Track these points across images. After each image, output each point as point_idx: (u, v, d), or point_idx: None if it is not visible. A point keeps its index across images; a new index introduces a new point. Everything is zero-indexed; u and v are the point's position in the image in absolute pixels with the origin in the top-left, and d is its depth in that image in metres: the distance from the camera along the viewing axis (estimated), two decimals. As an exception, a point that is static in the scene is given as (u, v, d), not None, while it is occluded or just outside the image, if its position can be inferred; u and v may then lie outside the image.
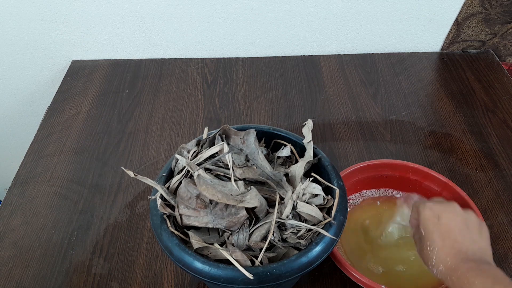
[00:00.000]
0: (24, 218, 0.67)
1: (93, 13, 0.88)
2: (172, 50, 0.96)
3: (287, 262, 0.42)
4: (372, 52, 0.97)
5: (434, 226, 0.46)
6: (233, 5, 0.87)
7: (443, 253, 0.44)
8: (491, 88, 0.87)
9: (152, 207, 0.47)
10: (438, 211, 0.47)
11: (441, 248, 0.44)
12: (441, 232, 0.45)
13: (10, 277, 0.59)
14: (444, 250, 0.44)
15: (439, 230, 0.45)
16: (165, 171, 0.50)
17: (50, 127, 0.82)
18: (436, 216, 0.46)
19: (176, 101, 0.87)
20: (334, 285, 0.58)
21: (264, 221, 0.46)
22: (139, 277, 0.59)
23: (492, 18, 0.89)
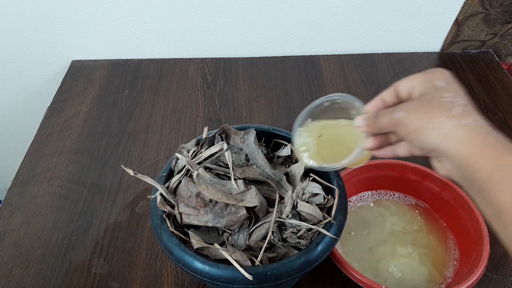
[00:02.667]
0: (24, 218, 0.67)
1: (93, 13, 0.88)
2: (172, 50, 0.96)
3: (287, 262, 0.42)
4: (372, 52, 0.97)
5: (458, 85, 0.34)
6: (233, 5, 0.87)
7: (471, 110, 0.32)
8: (491, 88, 0.87)
9: (152, 207, 0.47)
10: None
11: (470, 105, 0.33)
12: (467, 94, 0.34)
13: (10, 277, 0.59)
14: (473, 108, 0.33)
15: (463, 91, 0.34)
16: (165, 171, 0.50)
17: (50, 127, 0.82)
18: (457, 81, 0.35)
19: (176, 101, 0.87)
20: (334, 285, 0.58)
21: (264, 220, 0.46)
22: (139, 277, 0.59)
23: (492, 18, 0.89)
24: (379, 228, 0.61)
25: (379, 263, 0.58)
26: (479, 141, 0.30)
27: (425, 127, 0.32)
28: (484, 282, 0.57)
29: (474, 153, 0.30)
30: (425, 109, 0.32)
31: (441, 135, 0.31)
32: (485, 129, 0.30)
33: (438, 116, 0.31)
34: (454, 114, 0.31)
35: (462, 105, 0.32)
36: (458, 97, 0.32)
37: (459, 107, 0.31)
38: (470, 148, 0.30)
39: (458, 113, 0.31)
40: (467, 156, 0.30)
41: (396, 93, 0.36)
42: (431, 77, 0.34)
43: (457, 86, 0.34)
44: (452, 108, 0.31)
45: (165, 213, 0.46)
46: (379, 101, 0.37)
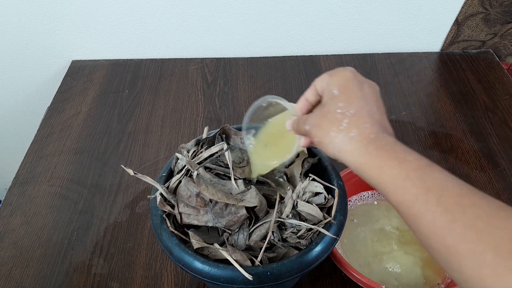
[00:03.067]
0: (24, 218, 0.67)
1: (93, 13, 0.88)
2: (172, 50, 0.96)
3: (287, 262, 0.42)
4: (372, 52, 0.97)
5: (354, 88, 0.36)
6: (233, 5, 0.87)
7: (361, 116, 0.34)
8: (491, 88, 0.87)
9: (152, 207, 0.47)
10: (360, 77, 0.38)
11: (360, 111, 0.35)
12: (362, 96, 0.36)
13: (10, 277, 0.59)
14: (363, 114, 0.35)
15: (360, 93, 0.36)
16: (165, 171, 0.50)
17: (50, 127, 0.82)
18: (358, 80, 0.37)
19: (176, 101, 0.87)
20: (334, 285, 0.58)
21: (264, 220, 0.46)
22: (139, 277, 0.59)
23: (492, 18, 0.89)
24: (379, 227, 0.61)
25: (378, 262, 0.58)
26: (363, 153, 0.33)
27: (323, 142, 0.35)
28: (484, 282, 0.57)
29: (362, 163, 0.33)
30: (322, 123, 0.36)
31: (335, 148, 0.34)
32: (368, 139, 0.33)
33: (331, 131, 0.35)
34: (342, 128, 0.34)
35: (350, 116, 0.34)
36: (350, 105, 0.35)
37: (347, 119, 0.34)
38: (358, 159, 0.33)
39: (346, 126, 0.34)
40: (358, 166, 0.33)
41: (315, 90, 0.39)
42: (331, 83, 0.37)
43: (351, 89, 0.36)
44: (342, 120, 0.34)
45: (165, 213, 0.46)
46: (304, 102, 0.40)
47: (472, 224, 0.26)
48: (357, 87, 0.36)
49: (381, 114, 0.36)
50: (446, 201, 0.28)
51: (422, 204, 0.29)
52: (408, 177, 0.30)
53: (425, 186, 0.29)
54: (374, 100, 0.37)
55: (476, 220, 0.26)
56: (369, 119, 0.34)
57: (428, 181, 0.30)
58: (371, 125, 0.34)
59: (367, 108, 0.35)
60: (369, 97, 0.36)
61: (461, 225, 0.27)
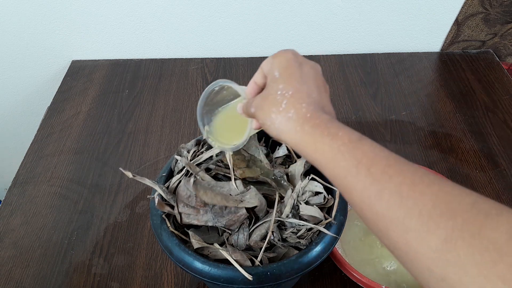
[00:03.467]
0: (24, 218, 0.67)
1: (93, 13, 0.88)
2: (172, 50, 0.96)
3: (287, 262, 0.42)
4: (372, 52, 0.97)
5: (294, 69, 0.37)
6: (233, 5, 0.87)
7: (299, 97, 0.35)
8: (491, 88, 0.87)
9: (152, 207, 0.47)
10: (301, 59, 0.39)
11: (298, 91, 0.36)
12: (301, 77, 0.37)
13: (10, 277, 0.59)
14: (301, 94, 0.36)
15: (299, 74, 0.37)
16: (165, 171, 0.50)
17: (50, 127, 0.82)
18: (298, 61, 0.38)
19: (176, 101, 0.87)
20: (334, 285, 0.58)
21: (264, 220, 0.46)
22: (139, 277, 0.59)
23: (492, 18, 0.89)
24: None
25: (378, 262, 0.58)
26: (299, 131, 0.34)
27: (265, 123, 0.36)
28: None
29: (298, 142, 0.34)
30: (264, 105, 0.37)
31: (276, 129, 0.36)
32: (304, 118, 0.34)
33: (271, 113, 0.36)
34: (281, 109, 0.35)
35: (289, 96, 0.35)
36: (288, 86, 0.36)
37: (286, 100, 0.35)
38: (295, 138, 0.34)
39: (284, 107, 0.35)
40: (295, 145, 0.35)
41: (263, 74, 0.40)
42: (273, 64, 0.38)
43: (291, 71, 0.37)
44: (282, 102, 0.35)
45: (165, 213, 0.46)
46: (253, 84, 0.41)
47: (397, 191, 0.28)
48: (296, 68, 0.37)
49: (320, 93, 0.37)
50: (374, 172, 0.29)
51: (353, 176, 0.30)
52: (339, 151, 0.31)
53: (355, 159, 0.31)
54: (313, 80, 0.37)
55: (402, 187, 0.28)
56: (306, 99, 0.35)
57: (358, 154, 0.31)
58: (307, 104, 0.35)
59: (305, 89, 0.36)
60: (309, 77, 0.37)
61: (388, 193, 0.28)
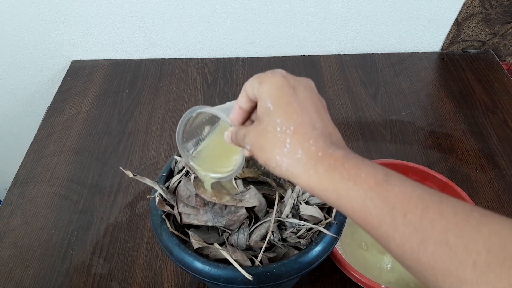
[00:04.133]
0: (24, 218, 0.67)
1: (93, 13, 0.88)
2: (172, 50, 0.96)
3: (287, 262, 0.42)
4: (372, 52, 0.97)
5: (289, 97, 0.32)
6: (233, 5, 0.87)
7: (304, 132, 0.31)
8: (491, 88, 0.87)
9: (152, 207, 0.47)
10: (293, 81, 0.33)
11: (300, 125, 0.31)
12: (299, 105, 0.32)
13: (10, 277, 0.59)
14: (305, 129, 0.31)
15: (296, 102, 0.32)
16: (165, 171, 0.50)
17: (50, 127, 0.82)
18: (291, 86, 0.33)
19: (176, 101, 0.87)
20: (334, 285, 0.58)
21: (264, 220, 0.46)
22: (139, 277, 0.59)
23: (492, 18, 0.89)
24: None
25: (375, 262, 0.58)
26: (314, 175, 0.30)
27: (270, 165, 0.32)
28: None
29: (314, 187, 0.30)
30: (264, 145, 0.32)
31: (283, 172, 0.32)
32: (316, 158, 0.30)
33: (276, 155, 0.31)
34: (286, 150, 0.31)
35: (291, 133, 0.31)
36: (288, 120, 0.31)
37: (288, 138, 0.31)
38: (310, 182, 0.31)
39: (289, 148, 0.31)
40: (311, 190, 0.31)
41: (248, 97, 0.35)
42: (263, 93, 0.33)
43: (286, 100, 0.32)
44: (285, 140, 0.31)
45: (165, 213, 0.46)
46: (239, 110, 0.36)
47: (443, 240, 0.25)
48: (291, 96, 0.32)
49: (323, 119, 0.33)
50: (412, 218, 0.26)
51: (388, 225, 0.27)
52: (367, 198, 0.28)
53: (388, 204, 0.27)
54: (312, 104, 0.33)
55: (447, 234, 0.25)
56: (312, 133, 0.31)
57: (389, 198, 0.27)
58: (315, 140, 0.31)
59: (307, 119, 0.32)
60: (307, 103, 0.32)
61: (432, 243, 0.25)
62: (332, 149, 0.31)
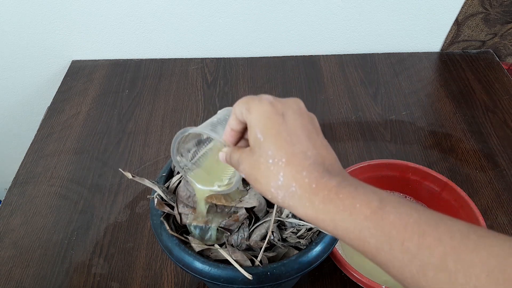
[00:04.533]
0: (24, 218, 0.67)
1: (93, 13, 0.88)
2: (172, 50, 0.96)
3: (287, 262, 0.42)
4: (372, 52, 0.97)
5: (277, 126, 0.31)
6: (233, 5, 0.87)
7: (296, 164, 0.30)
8: (491, 88, 0.87)
9: (152, 207, 0.47)
10: (281, 107, 0.33)
11: (292, 156, 0.31)
12: (289, 134, 0.31)
13: (10, 277, 0.59)
14: (297, 159, 0.31)
15: (286, 131, 0.31)
16: (165, 171, 0.50)
17: (50, 127, 0.82)
18: (280, 113, 0.32)
19: (176, 101, 0.87)
20: (334, 285, 0.58)
21: (263, 220, 0.46)
22: (139, 277, 0.59)
23: (492, 18, 0.89)
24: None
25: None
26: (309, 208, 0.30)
27: (266, 195, 0.32)
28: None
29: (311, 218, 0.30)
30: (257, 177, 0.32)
31: (279, 203, 0.32)
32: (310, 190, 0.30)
33: (270, 187, 0.31)
34: (280, 183, 0.31)
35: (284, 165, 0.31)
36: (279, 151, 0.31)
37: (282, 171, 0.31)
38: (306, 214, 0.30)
39: (283, 181, 0.31)
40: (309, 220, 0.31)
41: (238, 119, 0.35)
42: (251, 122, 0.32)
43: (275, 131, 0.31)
44: (278, 173, 0.31)
45: (165, 213, 0.46)
46: (230, 132, 0.36)
47: (442, 266, 0.25)
48: (281, 125, 0.31)
49: (314, 144, 0.32)
50: (409, 246, 0.26)
51: (386, 253, 0.27)
52: (364, 228, 0.28)
53: (384, 234, 0.27)
54: (303, 131, 0.32)
55: (446, 260, 0.25)
56: (304, 163, 0.31)
57: (385, 227, 0.27)
58: (308, 171, 0.30)
59: (298, 149, 0.31)
60: (297, 130, 0.32)
61: (432, 269, 0.25)
62: (326, 178, 0.30)
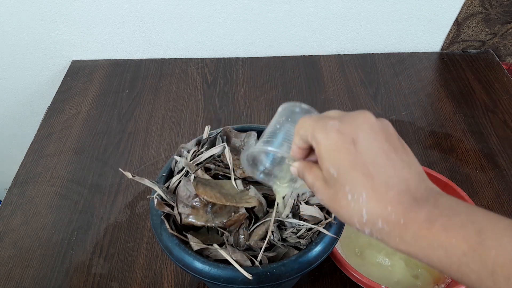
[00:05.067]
0: (24, 218, 0.67)
1: (93, 13, 0.88)
2: (172, 50, 0.96)
3: (287, 262, 0.42)
4: (372, 52, 0.97)
5: (352, 158, 0.29)
6: (233, 5, 0.87)
7: (378, 200, 0.28)
8: (491, 88, 0.87)
9: (152, 207, 0.47)
10: (350, 131, 0.30)
11: (372, 192, 0.28)
12: (365, 165, 0.29)
13: (10, 277, 0.59)
14: (378, 195, 0.28)
15: (361, 163, 0.29)
16: (165, 171, 0.50)
17: (50, 127, 0.82)
18: (350, 141, 0.29)
19: (176, 101, 0.87)
20: (334, 285, 0.58)
21: (263, 220, 0.46)
22: (139, 277, 0.59)
23: (492, 18, 0.89)
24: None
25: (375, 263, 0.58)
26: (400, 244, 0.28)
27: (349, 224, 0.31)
28: (484, 282, 0.57)
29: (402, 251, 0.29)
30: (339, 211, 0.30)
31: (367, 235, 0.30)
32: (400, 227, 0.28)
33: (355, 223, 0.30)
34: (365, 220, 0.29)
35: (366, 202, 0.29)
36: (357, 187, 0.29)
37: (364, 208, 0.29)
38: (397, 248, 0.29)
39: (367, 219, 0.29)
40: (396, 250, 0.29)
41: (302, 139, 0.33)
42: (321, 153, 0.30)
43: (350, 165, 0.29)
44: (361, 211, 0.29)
45: (164, 213, 0.46)
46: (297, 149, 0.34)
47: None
48: (353, 155, 0.29)
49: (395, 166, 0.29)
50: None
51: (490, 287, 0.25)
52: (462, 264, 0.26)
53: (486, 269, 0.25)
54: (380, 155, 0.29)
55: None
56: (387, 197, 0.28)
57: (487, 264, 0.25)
58: (393, 206, 0.28)
59: (378, 180, 0.28)
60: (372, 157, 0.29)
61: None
62: (414, 210, 0.28)
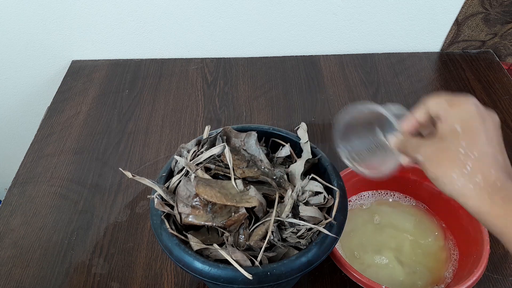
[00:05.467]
0: (24, 218, 0.67)
1: (93, 13, 0.88)
2: (172, 50, 0.96)
3: (287, 262, 0.42)
4: (372, 52, 0.97)
5: (478, 126, 0.34)
6: (233, 5, 0.87)
7: (486, 161, 0.33)
8: (491, 88, 0.87)
9: (152, 207, 0.47)
10: (483, 111, 0.35)
11: (484, 154, 0.33)
12: (486, 137, 0.34)
13: (10, 277, 0.59)
14: (488, 158, 0.33)
15: (484, 133, 0.34)
16: (165, 171, 0.50)
17: (50, 127, 0.82)
18: (481, 117, 0.35)
19: (176, 101, 0.87)
20: (334, 285, 0.58)
21: (263, 220, 0.46)
22: (139, 277, 0.59)
23: (492, 18, 0.89)
24: (377, 228, 0.61)
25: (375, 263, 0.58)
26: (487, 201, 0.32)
27: (440, 180, 0.34)
28: (484, 282, 0.57)
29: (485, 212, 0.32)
30: (441, 160, 0.34)
31: (454, 190, 0.34)
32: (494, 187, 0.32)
33: (452, 172, 0.33)
34: (466, 171, 0.33)
35: (474, 159, 0.33)
36: (473, 146, 0.33)
37: (470, 162, 0.33)
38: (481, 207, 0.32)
39: (469, 171, 0.33)
40: (479, 214, 0.33)
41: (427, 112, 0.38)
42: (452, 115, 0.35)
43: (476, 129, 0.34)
44: (466, 162, 0.33)
45: (165, 213, 0.46)
46: (414, 121, 0.39)
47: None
48: (481, 126, 0.34)
49: (503, 154, 0.34)
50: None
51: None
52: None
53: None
54: (497, 139, 0.35)
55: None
56: (494, 164, 0.33)
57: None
58: (496, 171, 0.33)
59: (491, 151, 0.33)
60: (492, 136, 0.34)
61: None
62: (509, 182, 0.32)
